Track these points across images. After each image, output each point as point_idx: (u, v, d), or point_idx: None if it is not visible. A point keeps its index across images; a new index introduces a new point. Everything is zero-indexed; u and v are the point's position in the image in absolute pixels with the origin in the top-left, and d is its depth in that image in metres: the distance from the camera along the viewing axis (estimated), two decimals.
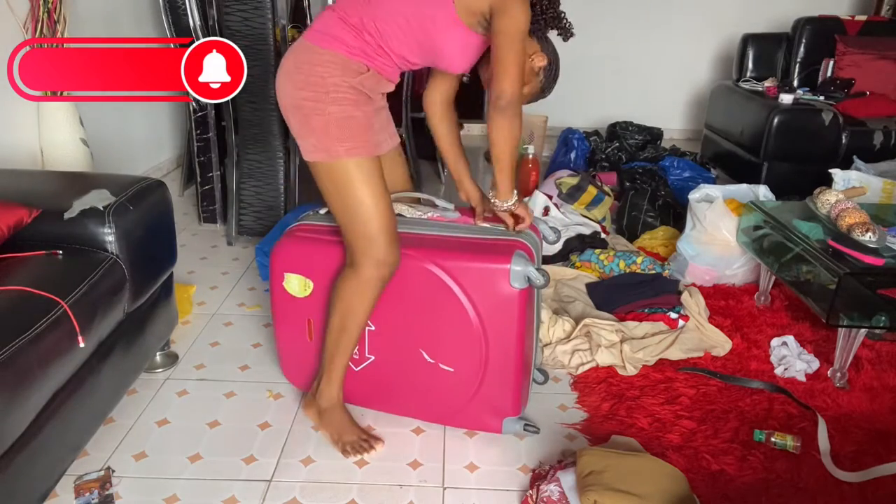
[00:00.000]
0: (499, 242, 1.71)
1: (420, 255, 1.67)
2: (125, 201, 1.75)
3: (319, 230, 1.80)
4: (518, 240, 1.72)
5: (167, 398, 1.97)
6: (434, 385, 1.78)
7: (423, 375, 1.78)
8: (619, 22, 4.96)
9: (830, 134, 3.45)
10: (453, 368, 1.74)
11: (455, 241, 1.73)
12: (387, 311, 1.73)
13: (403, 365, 1.79)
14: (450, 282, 1.66)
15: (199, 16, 2.86)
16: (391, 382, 1.84)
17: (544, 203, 3.00)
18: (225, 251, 3.01)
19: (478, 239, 1.73)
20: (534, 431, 1.83)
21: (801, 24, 4.05)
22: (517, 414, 1.80)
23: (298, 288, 1.80)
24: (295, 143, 2.94)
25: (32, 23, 2.43)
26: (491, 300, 1.65)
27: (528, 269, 1.62)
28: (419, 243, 1.70)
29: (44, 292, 1.43)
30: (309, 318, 1.83)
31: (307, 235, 1.80)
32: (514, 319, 1.67)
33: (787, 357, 2.15)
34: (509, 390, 1.76)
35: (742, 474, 1.69)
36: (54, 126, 2.56)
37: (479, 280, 1.65)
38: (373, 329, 1.78)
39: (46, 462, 1.44)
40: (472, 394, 1.76)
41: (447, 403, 1.80)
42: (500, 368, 1.72)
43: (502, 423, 1.80)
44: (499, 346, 1.69)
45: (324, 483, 1.67)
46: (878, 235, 2.10)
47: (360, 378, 1.85)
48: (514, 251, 1.64)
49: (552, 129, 4.43)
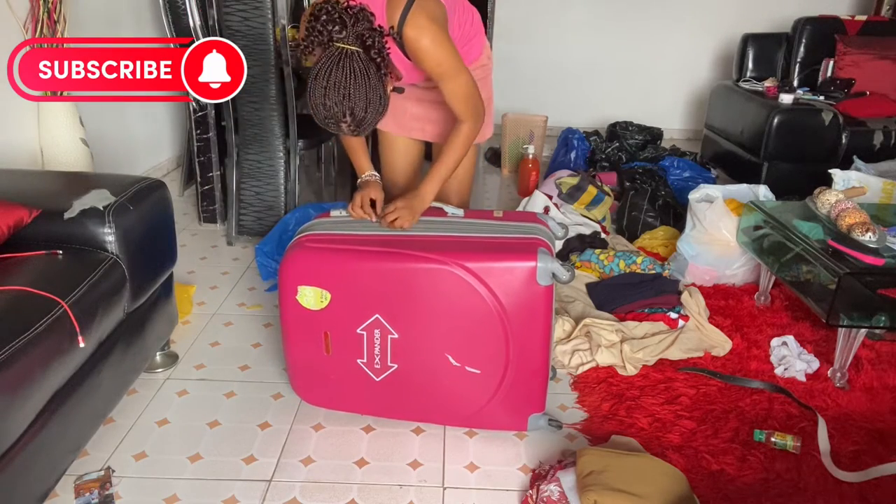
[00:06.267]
0: (520, 241, 1.69)
1: (442, 258, 1.64)
2: (125, 201, 1.75)
3: (333, 239, 1.73)
4: (537, 237, 1.71)
5: (167, 398, 1.97)
6: (459, 389, 1.76)
7: (448, 380, 1.75)
8: (619, 22, 4.96)
9: (830, 134, 3.45)
10: (480, 370, 1.73)
11: (475, 241, 1.70)
12: (410, 317, 1.70)
13: (428, 371, 1.75)
14: (475, 283, 1.63)
15: (199, 16, 2.85)
16: (414, 390, 1.79)
17: (544, 203, 3.01)
18: (225, 251, 3.01)
19: (497, 238, 1.71)
20: (557, 426, 1.84)
21: (801, 24, 4.05)
22: (542, 410, 1.80)
23: (314, 300, 1.72)
24: (295, 143, 2.96)
25: (32, 23, 2.43)
26: (517, 298, 1.64)
27: (553, 266, 1.61)
28: (439, 247, 1.67)
29: (44, 292, 1.43)
30: (326, 330, 1.75)
31: (321, 246, 1.72)
32: (540, 316, 1.66)
33: (787, 357, 2.15)
34: (537, 387, 1.76)
35: (742, 474, 1.70)
36: (54, 126, 2.55)
37: (505, 279, 1.63)
38: (396, 337, 1.72)
39: (46, 462, 1.44)
40: (497, 394, 1.75)
41: (471, 406, 1.78)
42: (527, 365, 1.71)
43: (527, 419, 1.79)
44: (526, 344, 1.69)
45: (324, 483, 1.67)
46: (878, 235, 2.10)
47: (382, 388, 1.79)
48: (537, 249, 1.63)
49: (552, 129, 4.43)
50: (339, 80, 1.50)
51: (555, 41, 5.05)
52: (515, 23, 4.95)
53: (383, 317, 1.70)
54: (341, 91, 1.51)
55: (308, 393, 1.91)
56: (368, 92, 1.53)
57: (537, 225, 1.80)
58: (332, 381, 1.83)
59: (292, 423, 1.88)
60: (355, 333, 1.73)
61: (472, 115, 1.76)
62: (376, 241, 1.72)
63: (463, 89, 1.72)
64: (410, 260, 1.65)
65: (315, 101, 1.54)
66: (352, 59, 1.51)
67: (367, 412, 1.87)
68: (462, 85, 1.71)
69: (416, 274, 1.65)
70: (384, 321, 1.71)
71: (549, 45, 5.05)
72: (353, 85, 1.51)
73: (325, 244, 1.72)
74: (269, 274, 2.66)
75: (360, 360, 1.76)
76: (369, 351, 1.75)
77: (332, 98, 1.51)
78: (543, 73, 5.07)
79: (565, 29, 5.00)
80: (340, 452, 1.78)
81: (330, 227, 1.79)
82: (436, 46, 1.64)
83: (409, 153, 2.11)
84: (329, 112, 1.54)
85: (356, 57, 1.51)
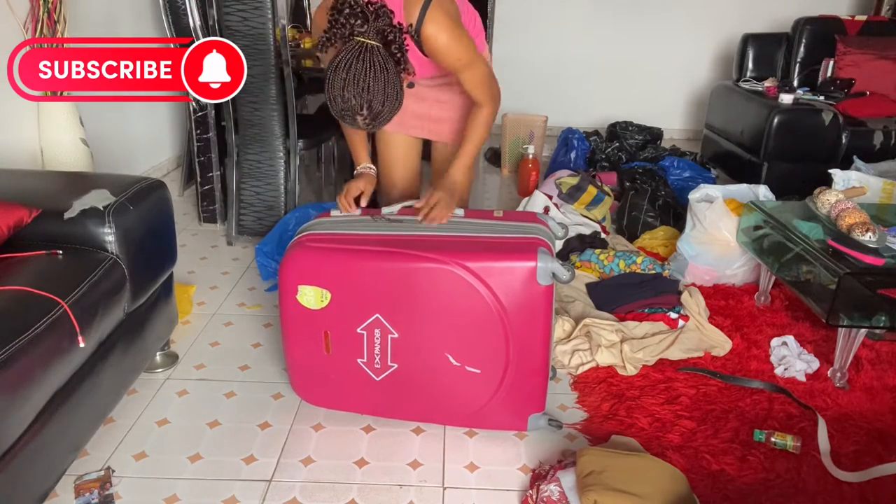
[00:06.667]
0: (520, 241, 1.69)
1: (443, 258, 1.64)
2: (125, 201, 1.75)
3: (333, 238, 1.73)
4: (537, 237, 1.71)
5: (167, 398, 1.97)
6: (459, 388, 1.76)
7: (448, 379, 1.74)
8: (619, 22, 4.97)
9: (830, 134, 3.45)
10: (480, 370, 1.72)
11: (476, 241, 1.70)
12: (410, 317, 1.70)
13: (428, 371, 1.75)
14: (475, 282, 1.63)
15: (199, 16, 2.86)
16: (414, 389, 1.79)
17: (544, 203, 3.01)
18: (225, 251, 3.02)
19: (497, 238, 1.71)
20: (557, 426, 1.84)
21: (801, 24, 4.05)
22: (542, 410, 1.80)
23: (314, 300, 1.72)
24: (295, 143, 2.96)
25: (32, 23, 2.43)
26: (518, 298, 1.64)
27: (553, 266, 1.61)
28: (440, 246, 1.67)
29: (44, 292, 1.43)
30: (326, 330, 1.75)
31: (321, 245, 1.72)
32: (541, 316, 1.66)
33: (787, 357, 2.15)
34: (537, 386, 1.76)
35: (742, 474, 1.70)
36: (54, 126, 2.55)
37: (505, 279, 1.63)
38: (396, 336, 1.72)
39: (46, 462, 1.44)
40: (497, 393, 1.75)
41: (471, 405, 1.78)
42: (528, 365, 1.71)
43: (527, 419, 1.79)
44: (526, 344, 1.69)
45: (324, 483, 1.67)
46: (878, 235, 2.10)
47: (382, 388, 1.79)
48: (537, 248, 1.63)
49: (552, 129, 4.43)
50: (359, 73, 1.54)
51: (555, 41, 5.05)
52: (515, 23, 4.96)
53: (383, 316, 1.71)
54: (360, 84, 1.54)
55: (308, 393, 1.91)
56: (387, 86, 1.56)
57: (537, 225, 1.80)
58: (332, 381, 1.83)
59: (292, 423, 1.88)
60: (355, 333, 1.73)
61: (491, 98, 1.86)
62: (377, 241, 1.71)
63: (480, 76, 1.81)
64: (411, 259, 1.65)
65: (333, 93, 1.57)
66: (372, 54, 1.54)
67: (366, 412, 1.87)
68: (480, 72, 1.80)
69: (416, 273, 1.65)
70: (384, 321, 1.71)
71: (549, 45, 5.05)
72: (372, 78, 1.54)
73: (325, 243, 1.72)
74: (269, 274, 2.66)
75: (361, 359, 1.77)
76: (369, 350, 1.75)
77: (351, 90, 1.54)
78: (543, 73, 5.07)
79: (565, 29, 5.00)
80: (340, 452, 1.78)
81: (330, 227, 1.79)
82: (455, 41, 1.71)
83: (407, 151, 2.13)
84: (346, 104, 1.57)
85: (376, 51, 1.55)
